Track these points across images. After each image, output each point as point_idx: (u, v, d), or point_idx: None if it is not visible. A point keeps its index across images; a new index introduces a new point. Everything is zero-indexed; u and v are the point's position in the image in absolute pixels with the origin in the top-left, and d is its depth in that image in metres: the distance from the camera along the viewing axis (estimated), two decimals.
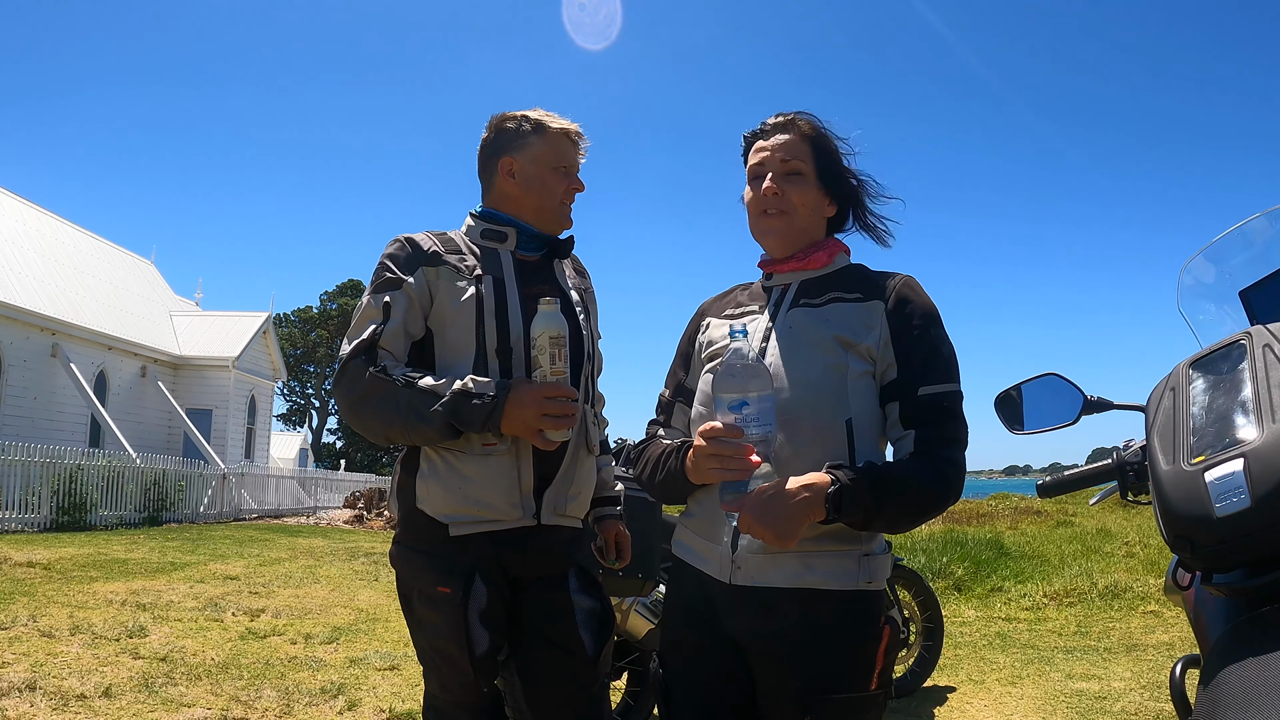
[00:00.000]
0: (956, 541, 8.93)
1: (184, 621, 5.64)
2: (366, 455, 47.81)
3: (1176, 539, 1.08)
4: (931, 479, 1.41)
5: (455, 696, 1.85)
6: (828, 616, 1.43)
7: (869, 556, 1.47)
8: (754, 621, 1.46)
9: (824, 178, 1.61)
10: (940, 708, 4.32)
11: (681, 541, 1.61)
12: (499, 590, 1.81)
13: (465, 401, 1.68)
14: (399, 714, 3.82)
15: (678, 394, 1.69)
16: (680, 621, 1.58)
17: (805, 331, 1.52)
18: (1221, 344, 1.22)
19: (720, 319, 1.68)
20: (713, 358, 1.62)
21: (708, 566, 1.52)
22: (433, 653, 1.84)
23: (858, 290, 1.56)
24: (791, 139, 1.61)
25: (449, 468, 1.79)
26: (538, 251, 1.95)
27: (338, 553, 10.86)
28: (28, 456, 12.54)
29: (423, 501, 1.82)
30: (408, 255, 1.84)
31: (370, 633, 5.69)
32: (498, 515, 1.79)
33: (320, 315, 50.39)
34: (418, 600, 1.84)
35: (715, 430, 1.38)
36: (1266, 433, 1.03)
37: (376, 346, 1.77)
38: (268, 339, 24.21)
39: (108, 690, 3.88)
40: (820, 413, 1.46)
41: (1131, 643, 5.89)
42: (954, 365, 1.52)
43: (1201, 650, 1.30)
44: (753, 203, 1.62)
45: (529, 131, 1.93)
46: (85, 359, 17.77)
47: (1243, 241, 1.71)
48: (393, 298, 1.80)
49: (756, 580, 1.45)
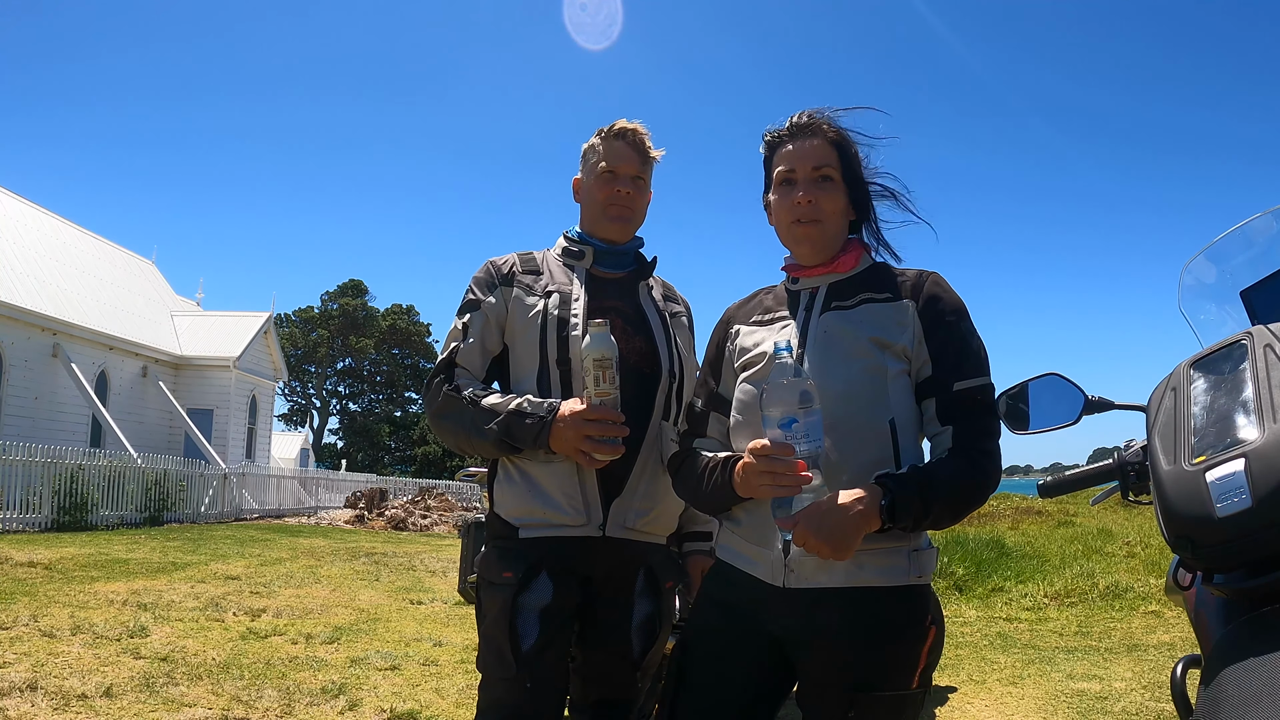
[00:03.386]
0: (957, 541, 8.92)
1: (185, 621, 5.64)
2: (367, 455, 47.86)
3: (1178, 539, 1.08)
4: (974, 475, 1.44)
5: (494, 694, 1.83)
6: (879, 612, 1.45)
7: (917, 552, 1.49)
8: (804, 618, 1.47)
9: (849, 182, 1.61)
10: (941, 708, 4.32)
11: (728, 546, 1.61)
12: (568, 592, 1.83)
13: (518, 420, 1.78)
14: (400, 714, 3.82)
15: (711, 403, 1.68)
16: (714, 614, 1.59)
17: (841, 336, 1.53)
18: (1222, 344, 1.22)
19: (749, 325, 1.67)
20: (746, 366, 1.61)
21: (757, 570, 1.53)
22: (484, 643, 1.86)
23: (887, 290, 1.56)
24: (819, 144, 1.59)
25: (521, 474, 1.87)
26: (619, 269, 2.00)
27: (339, 553, 10.87)
28: (29, 456, 12.54)
29: (499, 506, 1.91)
30: (488, 277, 1.97)
31: (371, 633, 5.69)
32: (563, 520, 1.84)
33: (321, 315, 50.40)
34: (484, 591, 1.89)
35: (766, 448, 1.38)
36: (1267, 433, 1.03)
37: (454, 364, 1.91)
38: (269, 339, 24.22)
39: (109, 690, 3.88)
40: (865, 416, 1.47)
41: (1132, 643, 5.88)
42: (985, 359, 1.54)
43: (1202, 650, 1.30)
44: (784, 211, 1.60)
45: (593, 146, 1.99)
46: (86, 359, 17.78)
47: (1244, 241, 1.71)
48: (471, 318, 1.93)
49: (810, 582, 1.46)
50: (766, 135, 1.66)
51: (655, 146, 2.01)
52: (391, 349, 51.59)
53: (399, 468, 47.04)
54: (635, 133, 1.97)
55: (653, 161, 2.02)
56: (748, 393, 1.58)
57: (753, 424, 1.53)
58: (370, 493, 20.62)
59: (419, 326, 52.20)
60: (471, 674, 4.61)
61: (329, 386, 51.68)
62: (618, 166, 1.95)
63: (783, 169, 1.61)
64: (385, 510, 19.26)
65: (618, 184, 1.94)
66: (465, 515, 17.05)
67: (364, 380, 52.03)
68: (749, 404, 1.57)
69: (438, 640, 5.49)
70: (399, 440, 50.39)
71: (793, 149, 1.60)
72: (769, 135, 1.66)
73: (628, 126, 1.97)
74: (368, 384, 52.08)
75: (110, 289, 20.49)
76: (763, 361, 1.57)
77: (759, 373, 1.57)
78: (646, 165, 2.00)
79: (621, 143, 1.96)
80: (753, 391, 1.55)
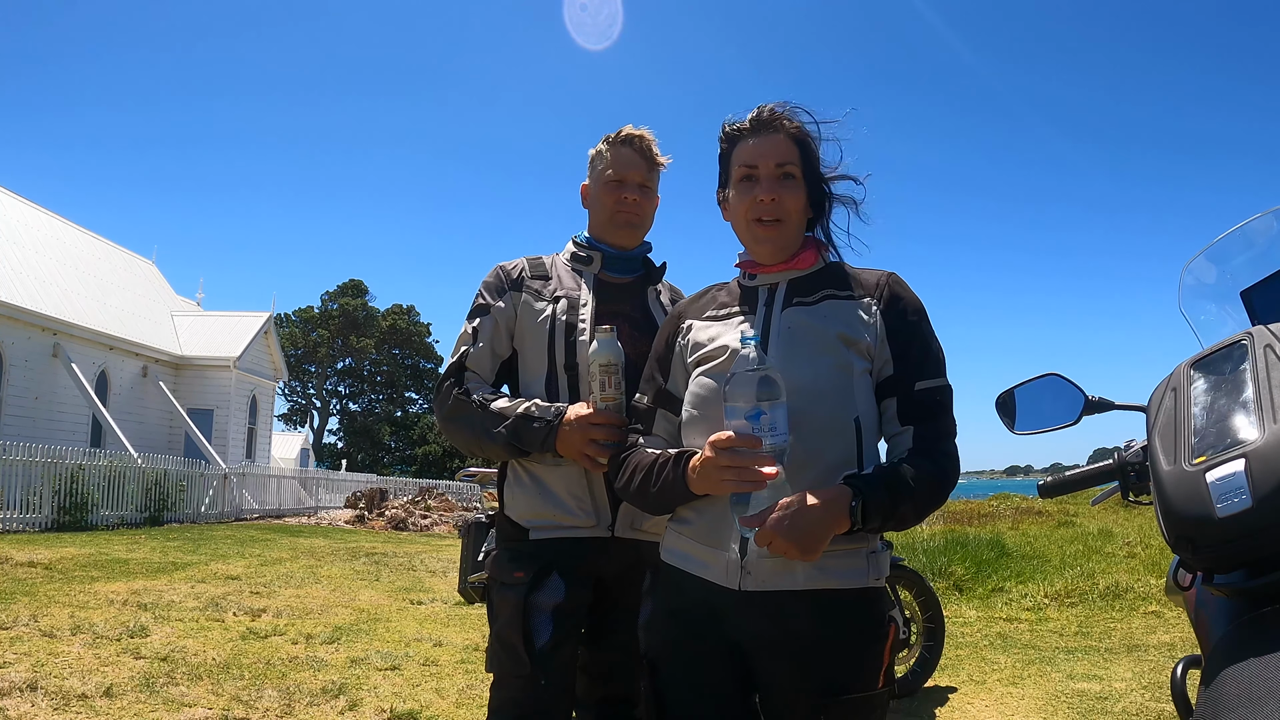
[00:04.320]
0: (958, 542, 8.92)
1: (185, 621, 5.64)
2: (368, 455, 47.85)
3: (1178, 539, 1.08)
4: (936, 476, 1.43)
5: (508, 692, 1.84)
6: (840, 615, 1.43)
7: (875, 554, 1.48)
8: (765, 625, 1.44)
9: (809, 179, 1.58)
10: (941, 708, 4.32)
11: (675, 549, 1.56)
12: (579, 591, 1.85)
13: (526, 425, 1.81)
14: (400, 714, 3.82)
15: (658, 400, 1.64)
16: (673, 628, 1.54)
17: (807, 331, 1.50)
18: (1223, 344, 1.22)
19: (703, 320, 1.63)
20: (703, 361, 1.56)
21: (709, 573, 1.48)
22: (497, 643, 1.86)
23: (848, 288, 1.54)
24: (781, 140, 1.55)
25: (531, 476, 1.91)
26: (627, 274, 2.01)
27: (339, 553, 10.87)
28: (29, 456, 12.54)
29: (509, 508, 1.94)
30: (498, 282, 1.99)
31: (371, 633, 5.69)
32: (572, 521, 1.86)
33: (321, 315, 50.38)
34: (495, 592, 1.91)
35: (730, 440, 1.34)
36: (1268, 433, 1.03)
37: (464, 368, 1.93)
38: (269, 339, 24.21)
39: (109, 690, 3.88)
40: (832, 413, 1.45)
41: (1133, 643, 5.88)
42: (943, 360, 1.54)
43: (1203, 651, 1.30)
44: (745, 209, 1.56)
45: (600, 152, 2.00)
46: (86, 359, 17.78)
47: (1244, 241, 1.70)
48: (481, 323, 1.95)
49: (768, 585, 1.43)
50: (726, 128, 1.61)
51: (663, 153, 2.01)
52: (391, 349, 51.58)
53: (399, 468, 47.04)
54: (642, 139, 1.97)
55: (659, 168, 2.02)
56: (705, 386, 1.53)
57: (710, 418, 1.49)
58: (370, 493, 20.61)
59: (419, 326, 52.19)
60: (471, 674, 4.61)
61: (329, 386, 51.68)
62: (624, 174, 1.95)
63: (744, 163, 1.56)
64: (385, 510, 19.25)
65: (624, 191, 1.95)
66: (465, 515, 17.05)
67: (364, 380, 52.02)
68: (706, 398, 1.52)
69: (438, 640, 5.49)
70: (399, 440, 50.38)
71: (755, 145, 1.56)
72: (728, 128, 1.60)
73: (634, 133, 1.97)
74: (368, 384, 52.07)
75: (110, 289, 20.49)
76: (724, 355, 1.53)
77: (719, 366, 1.52)
78: (653, 172, 2.00)
79: (628, 149, 1.96)
80: (710, 385, 1.52)
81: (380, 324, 50.81)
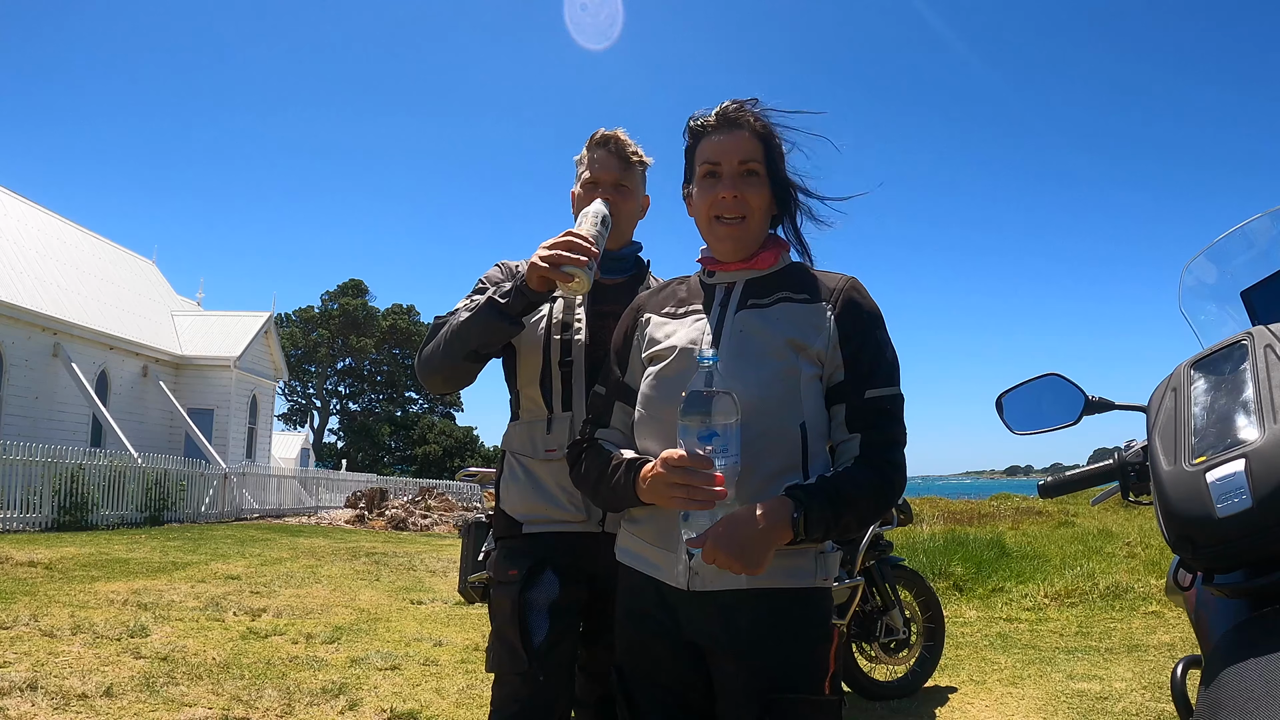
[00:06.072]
0: (958, 542, 8.92)
1: (185, 621, 5.64)
2: (368, 455, 47.84)
3: (1178, 539, 1.08)
4: (880, 485, 1.43)
5: (508, 689, 1.85)
6: (785, 613, 1.43)
7: (823, 554, 1.48)
8: (713, 623, 1.45)
9: (773, 177, 1.57)
10: (941, 708, 4.32)
11: (628, 549, 1.58)
12: (574, 587, 1.86)
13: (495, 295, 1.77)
14: (400, 714, 3.82)
15: (616, 392, 1.64)
16: (636, 628, 1.55)
17: (757, 335, 1.49)
18: (1223, 344, 1.22)
19: (660, 316, 1.62)
20: (655, 359, 1.56)
21: (659, 573, 1.50)
22: (496, 640, 1.87)
23: (805, 291, 1.53)
24: (745, 137, 1.54)
25: (525, 471, 1.93)
26: (619, 274, 2.02)
27: (339, 552, 10.87)
28: (29, 456, 12.55)
29: (504, 502, 1.97)
30: (501, 274, 2.00)
31: (371, 632, 5.69)
32: (563, 516, 1.88)
33: (321, 315, 50.38)
34: (494, 591, 1.92)
35: (682, 460, 1.33)
36: (1268, 433, 1.03)
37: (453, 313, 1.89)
38: (269, 339, 24.21)
39: (109, 690, 3.88)
40: (776, 418, 1.44)
41: (1133, 643, 5.88)
42: (897, 368, 1.52)
43: (1203, 651, 1.30)
44: (706, 206, 1.55)
45: (580, 157, 2.02)
46: (87, 359, 17.78)
47: (1244, 242, 1.70)
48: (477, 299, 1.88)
49: (714, 585, 1.43)
50: (691, 123, 1.60)
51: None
52: (392, 349, 51.58)
53: (399, 468, 47.04)
54: (616, 140, 1.97)
55: (638, 167, 2.01)
56: (654, 386, 1.53)
57: (658, 419, 1.49)
58: (370, 493, 20.61)
59: (419, 326, 52.17)
60: (472, 674, 4.61)
61: (329, 386, 51.69)
62: (599, 175, 1.96)
63: (708, 159, 1.55)
64: (385, 510, 19.25)
65: (600, 192, 1.95)
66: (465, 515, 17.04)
67: (364, 380, 52.04)
68: (654, 399, 1.52)
69: (438, 640, 5.49)
70: (399, 440, 50.36)
71: (719, 141, 1.55)
72: (694, 123, 1.59)
73: (609, 134, 1.97)
74: (368, 384, 52.09)
75: (111, 289, 20.49)
76: (672, 355, 1.53)
77: (668, 367, 1.53)
78: (630, 171, 1.99)
79: (603, 151, 1.97)
80: (659, 385, 1.52)
81: (380, 324, 50.82)
